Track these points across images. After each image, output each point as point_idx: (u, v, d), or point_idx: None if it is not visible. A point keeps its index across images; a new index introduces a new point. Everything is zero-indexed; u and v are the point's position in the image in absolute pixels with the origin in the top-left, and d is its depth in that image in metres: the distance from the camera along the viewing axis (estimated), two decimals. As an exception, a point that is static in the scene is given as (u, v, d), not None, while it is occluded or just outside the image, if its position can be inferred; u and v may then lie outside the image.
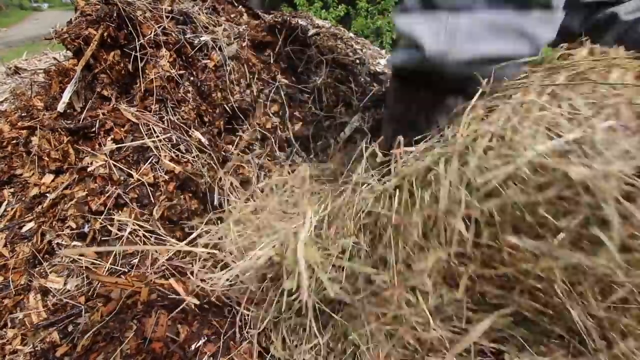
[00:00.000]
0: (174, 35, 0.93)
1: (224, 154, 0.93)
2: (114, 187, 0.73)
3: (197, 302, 0.58)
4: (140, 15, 0.90)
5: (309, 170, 0.83)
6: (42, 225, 0.72)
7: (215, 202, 0.82)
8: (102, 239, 0.70)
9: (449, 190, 0.44)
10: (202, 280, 0.58)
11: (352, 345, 0.53)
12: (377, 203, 0.53)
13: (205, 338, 0.54)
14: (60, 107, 0.83)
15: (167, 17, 0.96)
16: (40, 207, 0.74)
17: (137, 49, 0.87)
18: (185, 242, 0.69)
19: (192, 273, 0.61)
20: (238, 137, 0.99)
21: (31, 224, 0.73)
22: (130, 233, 0.70)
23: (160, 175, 0.76)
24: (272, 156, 0.99)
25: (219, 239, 0.64)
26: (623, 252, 0.36)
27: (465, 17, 0.55)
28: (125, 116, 0.82)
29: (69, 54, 0.89)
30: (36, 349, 0.56)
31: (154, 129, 0.81)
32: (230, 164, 0.90)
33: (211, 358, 0.53)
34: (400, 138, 0.52)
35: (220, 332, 0.55)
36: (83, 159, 0.78)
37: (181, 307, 0.57)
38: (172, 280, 0.61)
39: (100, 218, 0.70)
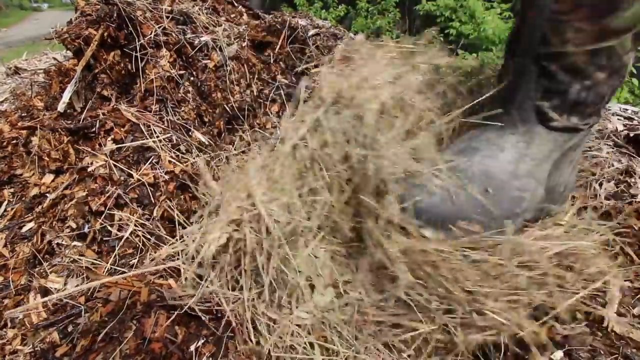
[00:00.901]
0: (174, 35, 0.93)
1: (224, 154, 0.93)
2: (114, 187, 0.73)
3: (194, 301, 0.58)
4: (141, 15, 0.90)
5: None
6: (42, 225, 0.71)
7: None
8: (103, 239, 0.69)
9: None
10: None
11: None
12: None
13: (204, 339, 0.54)
14: (61, 107, 0.83)
15: (167, 17, 0.96)
16: (40, 207, 0.74)
17: (137, 49, 0.87)
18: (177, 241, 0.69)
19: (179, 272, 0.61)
20: (238, 137, 0.99)
21: (31, 224, 0.73)
22: (130, 233, 0.70)
23: (161, 176, 0.76)
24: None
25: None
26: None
27: None
28: (125, 116, 0.82)
29: (69, 54, 0.89)
30: (36, 349, 0.56)
31: (154, 129, 0.81)
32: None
33: (210, 358, 0.52)
34: None
35: (217, 333, 0.55)
36: (83, 159, 0.78)
37: (180, 308, 0.57)
38: (171, 281, 0.61)
39: (100, 218, 0.70)
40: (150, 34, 0.89)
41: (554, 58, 0.52)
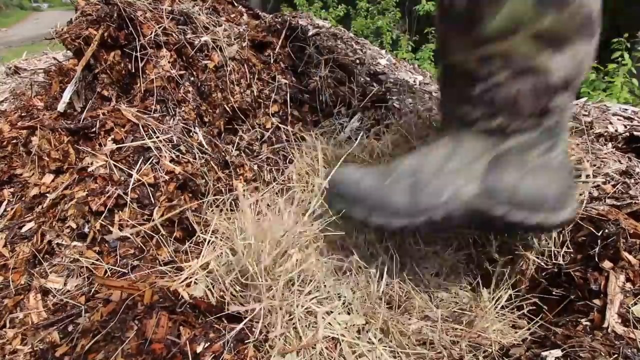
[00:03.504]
0: (174, 35, 0.93)
1: (224, 154, 0.93)
2: (114, 187, 0.73)
3: (195, 304, 0.58)
4: (141, 15, 0.90)
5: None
6: (42, 225, 0.71)
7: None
8: (103, 239, 0.69)
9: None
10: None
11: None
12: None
13: (209, 343, 0.54)
14: (61, 107, 0.83)
15: (167, 17, 0.96)
16: (40, 207, 0.74)
17: (138, 49, 0.87)
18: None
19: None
20: (238, 137, 0.99)
21: (31, 224, 0.73)
22: (130, 233, 0.70)
23: (161, 176, 0.76)
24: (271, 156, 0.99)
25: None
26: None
27: None
28: (126, 116, 0.82)
29: (69, 54, 0.89)
30: (36, 349, 0.56)
31: (154, 129, 0.81)
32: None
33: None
34: None
35: (221, 335, 0.55)
36: (83, 159, 0.78)
37: (182, 309, 0.57)
38: (175, 283, 0.61)
39: (100, 218, 0.70)
40: (151, 34, 0.89)
41: (451, 66, 0.57)
